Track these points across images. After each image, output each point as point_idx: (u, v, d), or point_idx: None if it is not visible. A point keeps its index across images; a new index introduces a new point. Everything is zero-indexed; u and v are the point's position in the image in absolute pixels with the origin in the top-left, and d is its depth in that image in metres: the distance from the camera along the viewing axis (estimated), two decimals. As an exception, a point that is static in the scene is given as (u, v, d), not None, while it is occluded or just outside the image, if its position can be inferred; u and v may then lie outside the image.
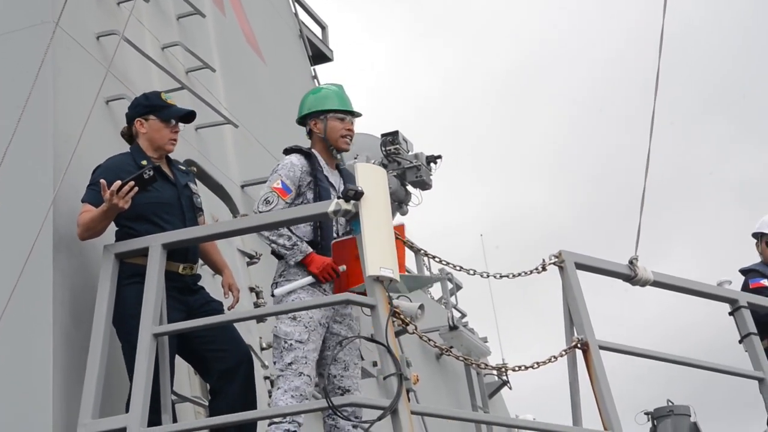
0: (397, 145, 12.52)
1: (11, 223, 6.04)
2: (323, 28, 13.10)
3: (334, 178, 6.37)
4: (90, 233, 5.86)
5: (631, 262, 6.30)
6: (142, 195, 5.83)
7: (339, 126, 6.37)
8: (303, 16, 12.12)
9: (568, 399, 5.97)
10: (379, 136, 12.73)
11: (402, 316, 5.58)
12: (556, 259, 6.03)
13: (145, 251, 5.78)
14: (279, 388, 5.96)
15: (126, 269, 5.85)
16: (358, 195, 5.53)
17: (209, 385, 6.10)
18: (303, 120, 6.46)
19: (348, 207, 5.56)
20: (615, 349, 6.06)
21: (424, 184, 12.73)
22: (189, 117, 6.28)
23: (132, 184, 5.70)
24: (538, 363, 5.88)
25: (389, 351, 5.31)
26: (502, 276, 6.03)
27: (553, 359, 5.85)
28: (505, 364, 10.96)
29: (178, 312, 5.89)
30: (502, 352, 12.40)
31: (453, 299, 13.08)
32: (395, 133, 12.61)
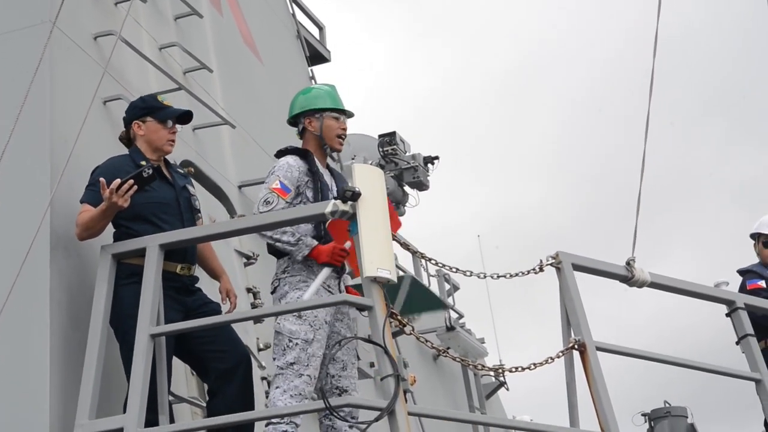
0: (395, 146, 12.54)
1: (8, 223, 6.04)
2: (321, 29, 13.10)
3: (327, 178, 6.37)
4: (89, 233, 5.86)
5: (628, 263, 6.30)
6: (141, 195, 5.83)
7: (335, 125, 6.36)
8: (300, 16, 12.12)
9: (565, 400, 5.97)
10: (376, 137, 12.74)
11: (399, 318, 5.58)
12: (553, 260, 6.03)
13: (143, 252, 5.78)
14: (278, 387, 5.93)
15: (123, 269, 5.85)
16: (355, 196, 5.54)
17: (207, 385, 6.09)
18: (295, 120, 6.47)
19: (345, 208, 5.57)
20: (612, 351, 6.07)
21: (421, 185, 12.75)
22: (186, 117, 6.29)
23: (131, 182, 5.70)
24: (535, 364, 5.88)
25: (386, 352, 5.31)
26: (499, 276, 6.04)
27: (550, 360, 5.86)
28: (502, 365, 10.99)
29: (175, 312, 5.89)
30: (499, 352, 12.41)
31: (450, 300, 13.09)
32: (392, 134, 12.62)
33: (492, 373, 11.49)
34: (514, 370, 5.93)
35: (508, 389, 12.66)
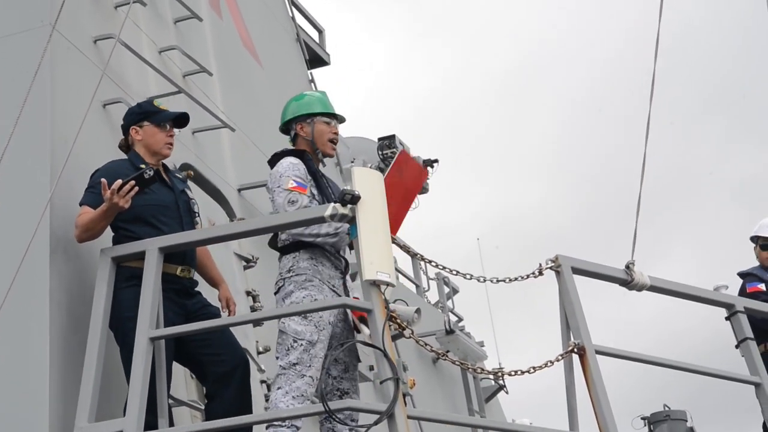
0: (394, 149, 12.54)
1: (8, 225, 6.03)
2: (320, 32, 13.12)
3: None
4: (88, 234, 5.86)
5: (627, 266, 6.30)
6: (141, 197, 5.83)
7: (326, 129, 6.41)
8: (300, 20, 12.13)
9: (564, 403, 5.97)
10: (375, 140, 12.74)
11: (398, 321, 5.58)
12: (553, 264, 6.03)
13: (142, 255, 5.78)
14: (279, 388, 5.92)
15: (123, 272, 5.86)
16: (355, 199, 5.54)
17: (205, 389, 6.09)
18: (286, 126, 6.49)
19: (345, 211, 5.57)
20: (612, 354, 6.06)
21: (421, 188, 12.73)
22: (183, 120, 6.30)
23: (132, 183, 5.71)
24: (534, 368, 5.89)
25: (386, 355, 5.31)
26: (498, 280, 6.05)
27: (549, 364, 5.86)
28: (501, 368, 10.95)
29: (176, 315, 5.90)
30: (498, 356, 12.39)
31: (449, 303, 13.09)
32: (392, 136, 12.62)
33: (491, 376, 11.47)
34: (513, 373, 5.93)
35: (507, 392, 12.64)
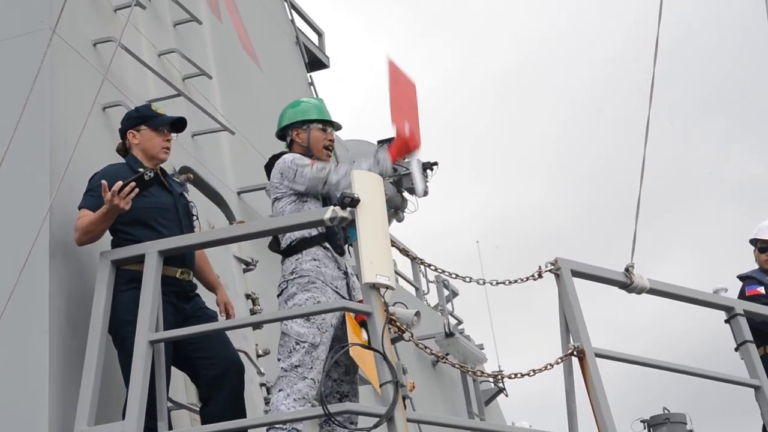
0: (394, 152, 12.51)
1: (7, 229, 6.04)
2: (320, 35, 13.13)
3: None
4: (88, 237, 5.86)
5: (627, 269, 6.29)
6: (140, 200, 5.84)
7: (321, 136, 6.47)
8: (300, 23, 12.14)
9: (564, 406, 5.97)
10: (375, 143, 12.74)
11: (398, 324, 5.58)
12: (552, 267, 6.03)
13: (142, 258, 5.77)
14: (281, 390, 5.92)
15: (123, 275, 5.85)
16: (354, 202, 5.54)
17: (198, 393, 6.09)
18: (283, 133, 6.52)
19: (344, 214, 5.57)
20: (611, 357, 6.06)
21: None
22: (180, 125, 6.30)
23: (133, 184, 5.72)
24: (534, 371, 5.88)
25: (385, 358, 5.31)
26: (498, 283, 6.04)
27: (549, 367, 5.85)
28: (501, 371, 10.95)
29: (175, 319, 5.89)
30: (498, 358, 12.40)
31: (449, 306, 13.10)
32: (391, 139, 12.60)
33: (491, 379, 11.48)
34: (513, 376, 5.92)
35: (507, 395, 12.65)
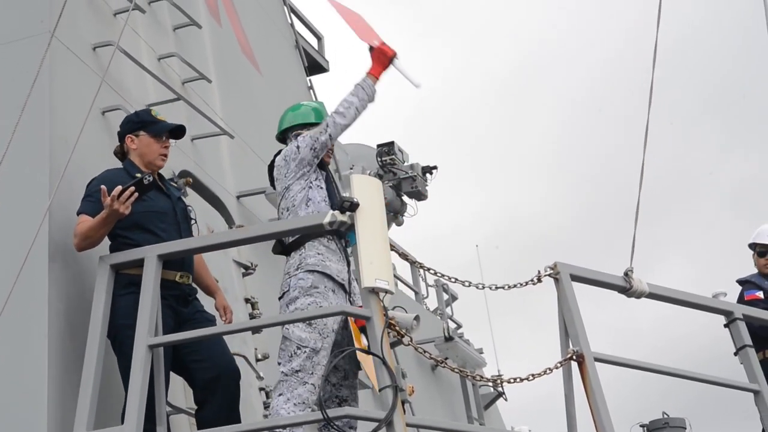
0: (393, 156, 12.55)
1: (7, 232, 6.03)
2: (319, 39, 13.14)
3: None
4: (88, 242, 5.86)
5: (626, 274, 6.29)
6: (139, 204, 5.84)
7: None
8: (299, 27, 12.15)
9: (563, 410, 5.96)
10: (374, 147, 12.76)
11: (397, 328, 5.58)
12: (552, 271, 6.03)
13: (141, 262, 5.77)
14: (281, 394, 5.91)
15: (122, 279, 5.85)
16: (353, 206, 5.54)
17: (194, 396, 6.08)
18: (283, 135, 6.51)
19: (344, 218, 5.57)
20: (611, 361, 6.05)
21: (419, 195, 12.75)
22: (179, 132, 6.30)
23: (132, 189, 5.72)
24: (533, 375, 5.88)
25: (385, 363, 5.31)
26: (497, 288, 6.04)
27: (548, 371, 5.85)
28: (500, 375, 10.93)
29: (172, 321, 5.89)
30: (497, 363, 12.40)
31: (448, 310, 13.09)
32: (391, 143, 12.64)
33: (490, 383, 11.48)
34: (512, 381, 5.92)
35: (506, 400, 12.64)
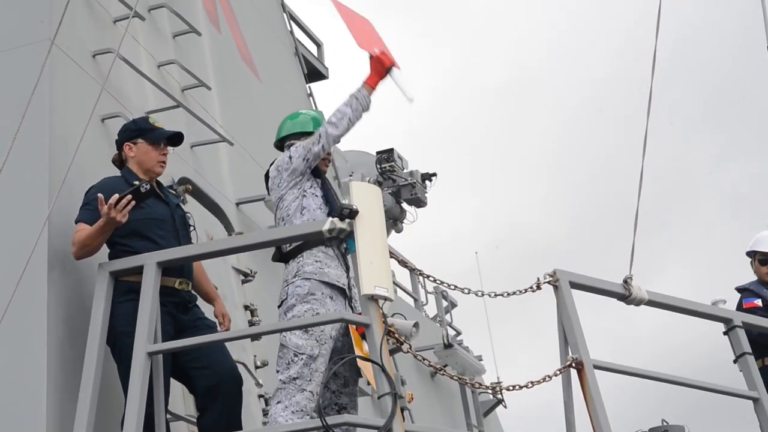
0: (392, 163, 12.57)
1: (6, 240, 6.03)
2: (319, 46, 13.15)
3: None
4: (85, 250, 5.86)
5: (625, 281, 6.29)
6: (137, 211, 5.84)
7: None
8: (299, 34, 12.16)
9: (563, 418, 5.96)
10: (374, 154, 12.77)
11: (396, 335, 5.58)
12: (551, 278, 6.03)
13: (140, 269, 5.77)
14: (279, 402, 5.90)
15: (121, 287, 5.85)
16: (353, 214, 5.54)
17: (195, 403, 6.08)
18: (281, 144, 6.52)
19: (343, 226, 5.57)
20: (610, 369, 6.05)
21: (419, 202, 12.76)
22: (177, 139, 6.31)
23: (129, 197, 5.72)
24: (532, 382, 5.87)
25: (384, 370, 5.31)
26: (496, 295, 6.04)
27: (547, 379, 5.85)
28: (499, 383, 10.96)
29: (172, 329, 5.89)
30: (497, 370, 12.39)
31: (448, 317, 13.09)
32: (390, 150, 12.66)
33: (490, 390, 11.47)
34: (511, 388, 5.92)
35: (506, 407, 12.64)
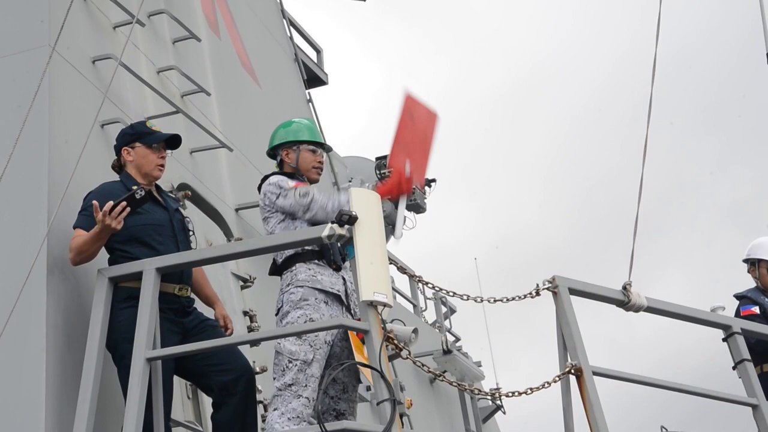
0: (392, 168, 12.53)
1: (5, 246, 6.03)
2: (318, 52, 13.16)
3: None
4: (82, 257, 5.86)
5: (624, 287, 6.29)
6: (135, 218, 5.84)
7: (310, 157, 6.46)
8: (298, 40, 12.16)
9: (562, 424, 5.96)
10: (373, 159, 12.75)
11: (395, 341, 5.58)
12: (550, 285, 6.03)
13: (140, 275, 5.77)
14: (276, 409, 5.91)
15: (121, 293, 5.86)
16: (352, 220, 5.55)
17: (212, 399, 6.07)
18: (273, 152, 6.52)
19: (342, 232, 5.58)
20: (609, 375, 6.05)
21: (418, 208, 12.66)
22: (175, 142, 6.31)
23: (124, 204, 5.72)
24: (531, 389, 5.87)
25: (383, 376, 5.31)
26: (495, 301, 6.04)
27: (546, 385, 5.84)
28: (498, 389, 10.95)
29: (174, 335, 5.89)
30: (496, 376, 12.37)
31: (447, 323, 13.08)
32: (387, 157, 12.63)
33: (489, 396, 11.46)
34: (510, 394, 5.92)
35: (505, 413, 12.62)
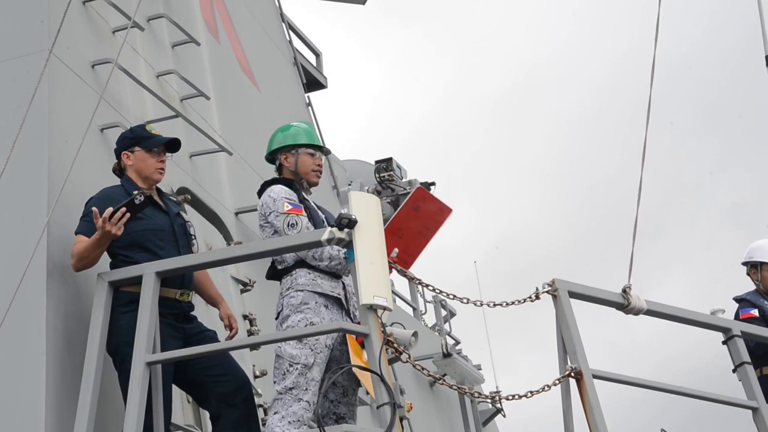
0: (391, 172, 12.57)
1: (4, 250, 6.03)
2: (317, 56, 13.17)
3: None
4: (83, 263, 5.87)
5: (624, 290, 6.29)
6: (136, 223, 5.84)
7: (309, 161, 6.46)
8: (297, 43, 12.17)
9: (562, 427, 5.96)
10: (373, 163, 12.77)
11: (395, 345, 5.58)
12: (550, 288, 6.03)
13: (140, 279, 5.77)
14: (276, 413, 5.91)
15: (122, 297, 5.86)
16: (351, 223, 5.55)
17: (209, 411, 6.07)
18: (272, 156, 6.53)
19: (342, 235, 5.58)
20: (609, 378, 6.05)
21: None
22: (174, 145, 6.31)
23: (124, 210, 5.72)
24: (531, 392, 5.88)
25: (383, 380, 5.31)
26: (495, 304, 6.04)
27: (546, 388, 5.85)
28: (498, 392, 10.93)
29: (175, 340, 5.90)
30: (495, 379, 12.36)
31: (447, 326, 13.08)
32: (389, 159, 12.66)
33: (489, 400, 11.46)
34: (510, 397, 5.92)
35: (504, 416, 12.61)
